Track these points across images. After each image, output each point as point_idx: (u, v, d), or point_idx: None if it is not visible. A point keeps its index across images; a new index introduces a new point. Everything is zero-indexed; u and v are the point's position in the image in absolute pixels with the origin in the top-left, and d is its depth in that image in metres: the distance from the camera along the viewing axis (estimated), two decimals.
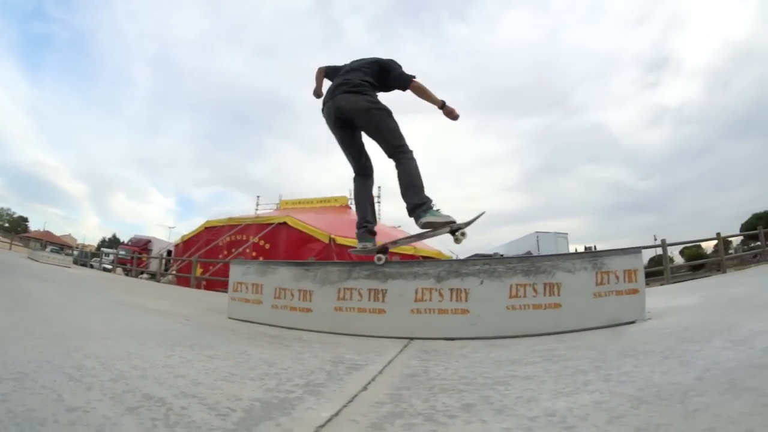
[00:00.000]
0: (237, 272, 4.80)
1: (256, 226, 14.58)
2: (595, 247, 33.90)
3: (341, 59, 4.73)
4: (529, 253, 19.16)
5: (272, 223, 13.96)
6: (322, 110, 4.05)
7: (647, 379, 1.69)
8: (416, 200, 3.65)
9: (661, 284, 11.72)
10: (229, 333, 3.58)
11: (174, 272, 16.18)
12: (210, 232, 16.19)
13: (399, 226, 17.67)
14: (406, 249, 12.72)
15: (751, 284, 5.90)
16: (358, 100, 3.77)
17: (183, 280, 14.51)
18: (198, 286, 13.34)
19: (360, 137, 4.07)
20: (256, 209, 19.15)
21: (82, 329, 2.89)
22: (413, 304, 3.68)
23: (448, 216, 3.62)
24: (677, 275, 18.47)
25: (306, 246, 12.55)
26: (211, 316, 4.71)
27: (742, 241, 23.01)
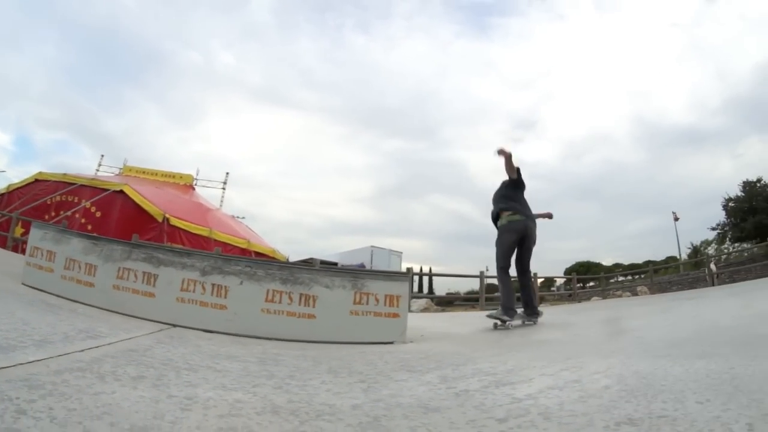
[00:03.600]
0: (35, 236, 4.75)
1: (92, 189, 13.46)
2: (430, 269, 37.37)
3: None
4: (362, 265, 20.50)
5: (108, 189, 13.22)
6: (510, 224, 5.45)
7: (309, 395, 1.92)
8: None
9: (482, 309, 12.78)
10: (10, 296, 3.79)
11: None
12: (40, 185, 14.48)
13: (242, 218, 17.74)
14: (239, 242, 13.04)
15: (539, 321, 6.20)
16: (535, 228, 5.54)
17: (1, 239, 13.01)
18: (15, 249, 11.59)
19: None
20: (97, 170, 17.78)
21: None
22: (179, 292, 3.97)
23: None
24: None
25: (139, 221, 12.17)
26: (4, 281, 4.69)
27: (565, 282, 27.01)
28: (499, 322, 5.25)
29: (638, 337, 3.92)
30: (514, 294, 5.62)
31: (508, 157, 5.30)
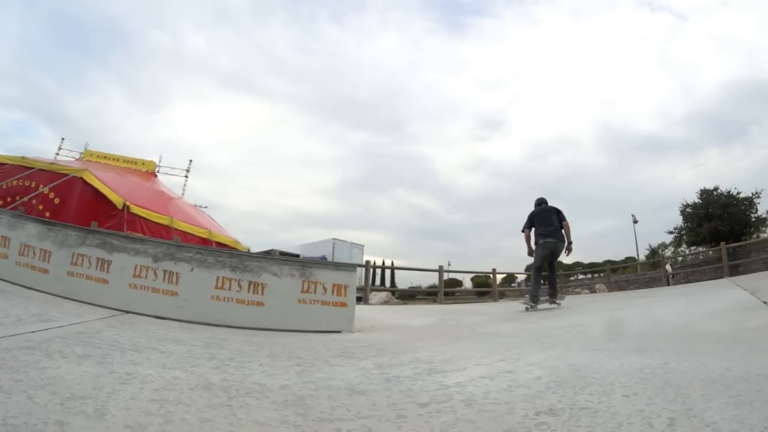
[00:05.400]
0: None
1: (50, 174, 13.15)
2: (392, 263, 37.86)
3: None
4: (323, 257, 20.61)
5: (67, 175, 12.88)
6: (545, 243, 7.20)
7: (244, 375, 2.05)
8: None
9: (441, 303, 13.21)
10: None
11: None
12: None
13: (205, 207, 17.50)
14: (201, 232, 12.93)
15: (491, 314, 6.68)
16: (563, 246, 7.25)
17: None
18: None
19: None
20: (57, 154, 17.24)
21: None
22: (132, 279, 4.02)
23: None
24: (465, 297, 22.75)
25: (98, 208, 11.92)
26: None
27: (525, 278, 27.58)
28: (528, 306, 6.85)
29: (582, 331, 3.93)
30: (541, 287, 7.27)
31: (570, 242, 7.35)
